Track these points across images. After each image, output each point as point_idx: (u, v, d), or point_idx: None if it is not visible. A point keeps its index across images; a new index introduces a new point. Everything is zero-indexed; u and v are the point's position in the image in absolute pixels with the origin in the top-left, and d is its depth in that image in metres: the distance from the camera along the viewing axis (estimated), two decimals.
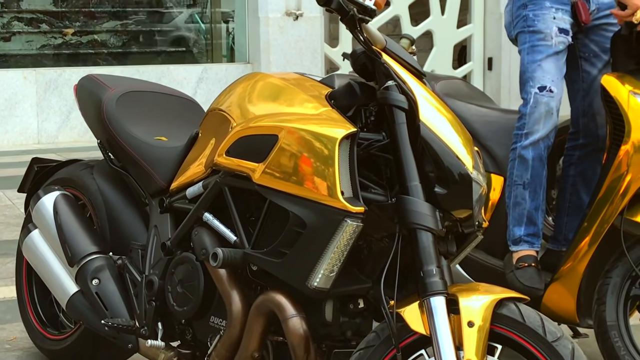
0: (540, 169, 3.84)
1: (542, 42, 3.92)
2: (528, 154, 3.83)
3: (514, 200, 3.88)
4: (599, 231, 3.78)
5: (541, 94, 3.85)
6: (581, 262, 3.85)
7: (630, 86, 3.73)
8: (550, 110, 3.85)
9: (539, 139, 3.83)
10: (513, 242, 3.90)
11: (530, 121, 3.83)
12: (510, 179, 3.89)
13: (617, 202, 3.71)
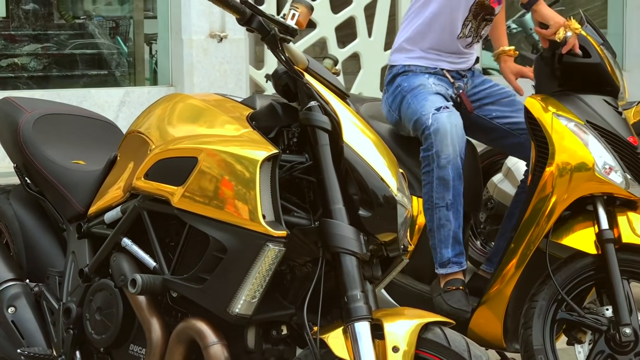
0: (460, 187, 3.80)
1: (422, 88, 3.93)
2: (448, 174, 3.76)
3: (438, 223, 3.84)
4: (526, 253, 3.80)
5: (439, 112, 3.81)
6: (508, 285, 3.86)
7: (553, 108, 3.77)
8: (454, 123, 3.79)
9: (453, 156, 3.75)
10: (441, 265, 3.86)
11: (437, 139, 3.75)
12: (431, 202, 3.82)
13: (542, 223, 3.73)
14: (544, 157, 3.73)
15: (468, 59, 4.10)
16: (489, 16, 4.03)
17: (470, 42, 4.03)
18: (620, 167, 3.69)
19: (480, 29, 4.04)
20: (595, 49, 3.78)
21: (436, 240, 3.84)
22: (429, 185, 3.81)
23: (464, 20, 3.97)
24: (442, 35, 3.99)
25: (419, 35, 4.01)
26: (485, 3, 3.97)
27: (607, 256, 3.66)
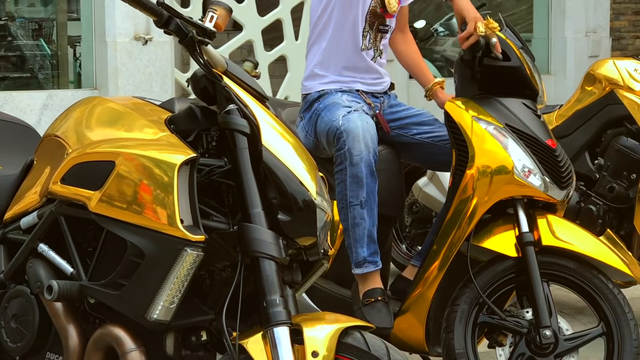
0: (373, 185, 3.82)
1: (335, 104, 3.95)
2: (361, 172, 3.76)
3: (353, 222, 3.84)
4: (448, 256, 3.82)
5: (349, 114, 3.84)
6: (430, 288, 3.88)
7: (473, 112, 3.80)
8: (365, 121, 3.82)
9: (366, 153, 3.76)
10: (357, 264, 3.86)
11: (348, 137, 3.76)
12: (345, 200, 3.82)
13: (464, 226, 3.76)
14: (464, 160, 3.76)
15: (382, 80, 4.13)
16: (383, 27, 4.07)
17: (373, 56, 4.06)
18: (539, 170, 3.74)
19: (377, 41, 4.08)
20: (514, 52, 3.82)
21: (351, 239, 3.85)
22: (342, 183, 3.82)
23: (362, 31, 4.01)
24: (348, 50, 4.03)
25: (329, 56, 4.05)
26: (377, 11, 4.02)
27: (527, 259, 3.70)
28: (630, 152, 4.95)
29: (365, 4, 4.00)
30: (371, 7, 4.02)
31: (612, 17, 11.52)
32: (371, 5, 4.02)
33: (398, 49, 4.34)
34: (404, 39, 4.34)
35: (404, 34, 4.34)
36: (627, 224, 4.97)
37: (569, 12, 11.03)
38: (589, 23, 11.19)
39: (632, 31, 12.06)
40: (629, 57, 5.22)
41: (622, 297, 3.75)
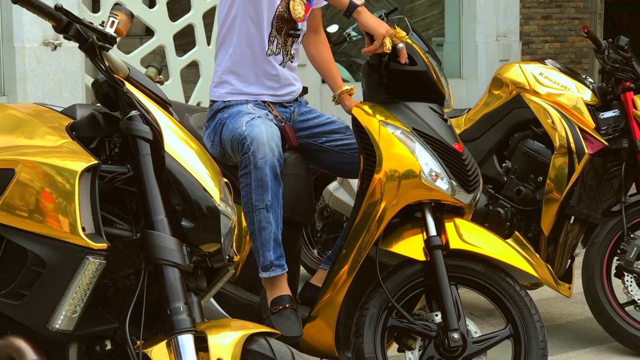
0: (278, 189, 3.82)
1: (240, 113, 3.94)
2: (266, 175, 3.76)
3: (259, 226, 3.82)
4: (357, 260, 3.83)
5: (252, 120, 3.84)
6: (339, 293, 3.88)
7: (381, 116, 3.81)
8: (269, 127, 3.82)
9: (270, 157, 3.76)
10: (264, 268, 3.85)
11: (252, 142, 3.76)
12: (250, 204, 3.81)
13: (372, 230, 3.77)
14: (372, 165, 3.77)
15: (292, 88, 4.12)
16: (294, 31, 4.07)
17: (282, 60, 4.06)
18: (446, 174, 3.76)
19: (288, 45, 4.07)
20: (421, 56, 3.84)
21: (258, 243, 3.84)
22: (247, 187, 3.80)
23: (268, 35, 4.00)
24: (254, 55, 4.02)
25: (236, 62, 4.04)
26: (285, 16, 4.01)
27: (435, 262, 3.72)
28: (536, 154, 5.00)
29: (271, 9, 3.99)
30: (278, 12, 4.01)
31: (521, 22, 11.67)
32: (278, 11, 4.01)
33: (310, 51, 4.33)
34: (317, 40, 4.34)
35: (317, 35, 4.34)
36: (534, 226, 5.02)
37: (480, 16, 11.14)
38: (500, 27, 11.32)
39: (541, 35, 12.24)
40: (535, 61, 5.27)
41: (529, 299, 3.79)
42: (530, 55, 11.80)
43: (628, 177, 5.02)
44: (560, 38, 12.44)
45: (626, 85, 4.99)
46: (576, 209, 5.00)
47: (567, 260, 5.14)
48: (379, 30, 3.76)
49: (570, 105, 4.97)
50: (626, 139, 4.96)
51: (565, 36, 12.46)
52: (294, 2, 4.01)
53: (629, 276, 4.87)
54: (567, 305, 5.63)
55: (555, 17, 12.38)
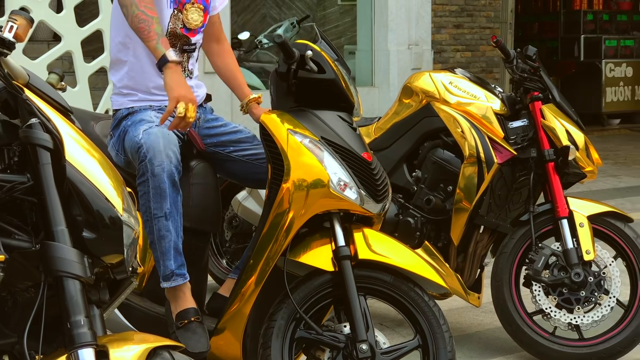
0: (177, 196, 3.79)
1: (142, 121, 3.91)
2: (163, 182, 3.72)
3: (159, 234, 3.78)
4: (265, 270, 3.80)
5: (150, 128, 3.81)
6: (247, 303, 3.85)
7: (289, 125, 3.79)
8: (166, 134, 3.79)
9: (167, 164, 3.73)
10: (165, 278, 3.81)
11: (149, 149, 3.73)
12: (149, 213, 3.77)
13: (281, 239, 3.75)
14: (280, 174, 3.75)
15: (195, 94, 4.05)
16: (188, 47, 4.05)
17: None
18: (355, 184, 3.76)
19: (184, 62, 4.05)
20: (329, 65, 3.83)
21: (158, 252, 3.80)
22: (145, 195, 3.77)
23: None
24: (151, 74, 3.99)
25: (133, 80, 4.01)
26: (177, 32, 3.99)
27: (344, 273, 3.71)
28: (446, 164, 5.03)
29: (162, 26, 3.92)
30: (169, 29, 3.98)
31: (433, 31, 11.79)
32: (169, 27, 3.98)
33: (214, 61, 4.31)
34: (220, 50, 4.32)
35: (220, 44, 4.31)
36: (444, 235, 5.05)
37: (392, 25, 11.22)
38: (412, 36, 11.41)
39: (453, 44, 12.38)
40: (445, 70, 5.30)
41: (438, 309, 3.81)
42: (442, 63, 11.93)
43: (536, 186, 5.08)
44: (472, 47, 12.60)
45: (534, 95, 5.05)
46: (485, 218, 5.04)
47: (476, 270, 5.19)
48: (171, 93, 3.64)
49: (480, 114, 5.01)
50: (534, 148, 5.01)
51: (476, 45, 12.62)
52: (187, 11, 3.98)
53: (536, 285, 4.92)
54: (476, 315, 5.68)
55: (467, 26, 12.53)
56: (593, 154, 5.10)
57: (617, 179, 10.61)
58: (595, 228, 4.95)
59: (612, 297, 4.91)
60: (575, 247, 4.89)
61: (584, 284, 4.87)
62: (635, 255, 4.92)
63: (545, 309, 4.91)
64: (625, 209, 8.52)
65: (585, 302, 4.90)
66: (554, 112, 5.06)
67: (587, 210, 4.98)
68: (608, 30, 16.14)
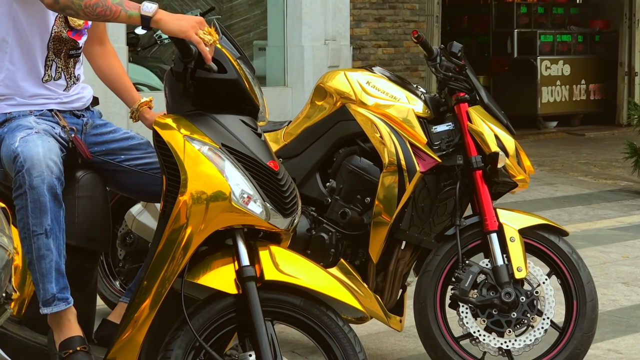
0: (59, 211, 3.74)
1: (20, 127, 3.86)
2: (43, 195, 3.68)
3: (38, 254, 3.72)
4: (160, 292, 3.76)
5: (27, 136, 3.78)
6: (140, 330, 3.80)
7: (186, 130, 3.75)
8: (45, 142, 3.76)
9: (47, 174, 3.69)
10: (45, 303, 3.75)
11: (26, 158, 3.69)
12: (27, 229, 3.71)
13: (178, 258, 3.71)
14: (177, 185, 3.71)
15: (81, 95, 4.07)
16: (74, 51, 4.03)
17: (66, 86, 4.01)
18: (260, 196, 3.73)
19: (70, 67, 4.03)
20: (231, 63, 3.79)
21: (37, 274, 3.74)
22: (23, 210, 3.71)
23: (44, 60, 3.95)
24: (31, 83, 3.95)
25: (9, 88, 3.96)
26: (63, 36, 3.97)
27: (248, 296, 3.68)
28: (363, 173, 5.01)
29: (45, 32, 3.93)
30: (54, 33, 3.95)
31: (352, 25, 11.84)
32: (54, 32, 3.95)
33: (97, 65, 4.27)
34: (103, 52, 4.29)
35: (103, 45, 4.28)
36: (361, 252, 5.05)
37: (306, 18, 11.23)
38: (328, 31, 11.44)
39: (374, 39, 12.43)
40: (362, 69, 5.30)
41: (353, 335, 3.80)
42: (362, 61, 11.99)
43: (463, 197, 5.09)
44: (395, 42, 12.68)
45: (460, 96, 5.07)
46: (407, 233, 5.06)
47: (397, 290, 5.20)
48: (187, 34, 3.69)
49: (400, 117, 5.03)
50: (461, 155, 5.03)
51: (400, 40, 12.70)
52: None
53: (464, 307, 4.93)
54: (398, 340, 5.69)
55: (389, 19, 12.60)
56: (524, 161, 5.13)
57: (553, 188, 10.75)
58: (527, 243, 5.00)
59: (545, 318, 4.95)
60: (505, 264, 4.92)
61: (516, 304, 4.91)
62: (571, 272, 4.98)
63: (474, 333, 4.94)
64: (562, 220, 8.66)
65: (517, 325, 4.94)
66: (482, 115, 5.09)
67: (518, 223, 5.02)
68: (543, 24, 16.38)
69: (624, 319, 6.23)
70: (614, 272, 7.36)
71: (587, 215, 9.38)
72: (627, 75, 16.19)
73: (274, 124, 5.34)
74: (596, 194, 10.50)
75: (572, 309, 4.98)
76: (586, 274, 4.99)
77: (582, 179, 11.40)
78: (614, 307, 6.47)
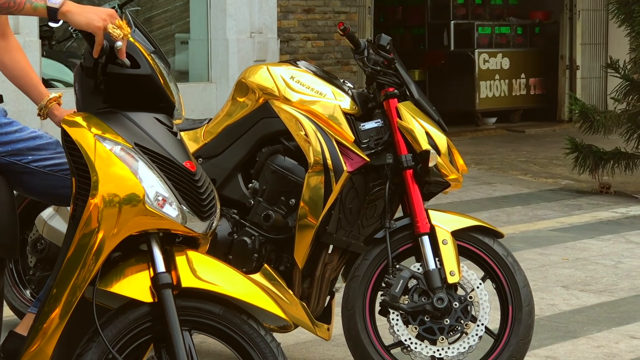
0: None
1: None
2: None
3: None
4: (70, 301, 3.73)
5: None
6: (49, 342, 3.77)
7: (97, 129, 3.73)
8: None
9: None
10: None
11: None
12: None
13: (89, 264, 3.69)
14: (87, 187, 3.69)
15: None
16: None
17: None
18: (176, 199, 3.72)
19: None
20: (145, 58, 3.77)
21: None
22: None
23: None
24: None
25: None
26: None
27: (164, 304, 3.66)
28: (287, 173, 5.01)
29: None
30: None
31: (279, 16, 11.84)
32: None
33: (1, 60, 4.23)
34: (6, 46, 4.25)
35: (6, 40, 4.25)
36: (286, 257, 5.05)
37: (231, 9, 11.22)
38: (254, 23, 11.43)
39: (303, 32, 12.44)
40: (286, 63, 5.30)
41: (276, 345, 3.79)
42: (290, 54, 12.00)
43: (393, 198, 5.11)
44: (325, 35, 12.70)
45: (389, 91, 5.09)
46: (334, 236, 5.07)
47: (325, 297, 5.20)
48: (95, 26, 3.67)
49: (327, 114, 5.04)
50: (390, 153, 5.05)
51: (330, 33, 12.72)
52: None
53: (394, 314, 4.95)
54: (326, 350, 5.71)
55: (319, 10, 12.62)
56: (457, 160, 5.15)
57: (491, 187, 10.82)
58: (460, 245, 5.03)
59: (480, 324, 4.98)
60: (437, 268, 4.95)
61: (449, 310, 4.94)
62: (506, 275, 5.01)
63: (405, 341, 4.96)
64: (500, 221, 8.72)
65: (450, 332, 4.97)
66: (412, 111, 5.10)
67: (451, 225, 5.05)
68: (481, 15, 16.49)
69: (562, 324, 6.29)
70: (553, 275, 7.44)
71: (526, 216, 9.46)
72: (568, 69, 16.36)
73: (194, 121, 5.33)
74: (536, 194, 10.59)
75: (507, 315, 5.02)
76: (522, 277, 5.03)
77: (521, 178, 11.50)
78: (552, 312, 6.53)
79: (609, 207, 9.94)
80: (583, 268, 7.65)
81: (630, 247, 8.38)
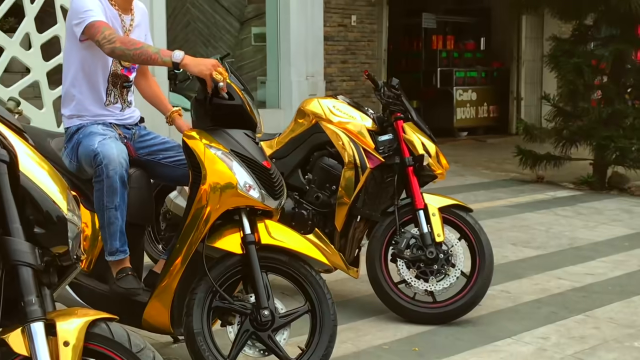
0: (124, 193, 3.73)
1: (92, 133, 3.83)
2: (116, 182, 3.67)
3: (109, 221, 3.73)
4: (188, 253, 3.71)
5: (104, 140, 3.75)
6: (174, 280, 3.76)
7: (206, 140, 3.71)
8: (118, 144, 3.75)
9: (119, 168, 3.67)
10: (110, 253, 3.76)
11: (104, 156, 3.67)
12: (101, 204, 3.71)
13: (201, 228, 3.67)
14: (199, 178, 3.67)
15: (132, 115, 4.03)
16: (127, 83, 3.99)
17: (121, 108, 3.96)
18: (257, 185, 3.69)
19: (124, 95, 3.99)
20: (237, 93, 3.75)
21: (107, 234, 3.74)
22: (99, 191, 3.70)
23: (106, 90, 3.91)
24: (96, 106, 3.91)
25: (81, 109, 3.92)
26: (118, 73, 3.92)
27: (250, 255, 3.64)
28: (330, 169, 4.98)
29: (105, 69, 3.90)
30: (112, 71, 3.92)
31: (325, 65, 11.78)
32: (112, 69, 3.90)
33: (142, 89, 4.23)
34: (146, 81, 4.26)
35: (146, 77, 4.26)
36: (330, 224, 5.00)
37: (293, 59, 11.19)
38: (308, 69, 11.38)
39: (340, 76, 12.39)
40: (330, 97, 5.26)
41: (323, 282, 3.75)
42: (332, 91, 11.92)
43: (400, 185, 5.05)
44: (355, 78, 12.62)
45: (397, 115, 5.03)
46: (361, 210, 5.01)
47: (355, 250, 5.14)
48: (204, 73, 3.63)
49: (356, 130, 4.98)
50: (398, 156, 4.98)
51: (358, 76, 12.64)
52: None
53: (400, 261, 4.90)
54: (355, 285, 5.64)
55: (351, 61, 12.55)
56: (442, 160, 5.08)
57: (464, 178, 10.70)
58: (444, 217, 4.95)
59: (457, 269, 4.91)
60: (429, 232, 4.88)
61: (436, 259, 4.87)
62: (475, 237, 4.94)
63: (407, 279, 4.90)
64: (469, 200, 8.61)
65: (437, 274, 4.90)
66: (412, 129, 5.04)
67: (438, 203, 4.97)
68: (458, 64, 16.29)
69: (512, 269, 6.19)
70: (506, 236, 7.32)
71: (487, 197, 9.33)
72: (515, 100, 16.15)
73: (268, 135, 5.28)
74: (494, 182, 10.45)
75: (475, 263, 4.94)
76: (485, 238, 4.95)
77: (484, 172, 11.35)
78: (505, 261, 6.43)
79: (543, 191, 9.79)
80: (525, 232, 7.53)
81: (557, 218, 8.25)
